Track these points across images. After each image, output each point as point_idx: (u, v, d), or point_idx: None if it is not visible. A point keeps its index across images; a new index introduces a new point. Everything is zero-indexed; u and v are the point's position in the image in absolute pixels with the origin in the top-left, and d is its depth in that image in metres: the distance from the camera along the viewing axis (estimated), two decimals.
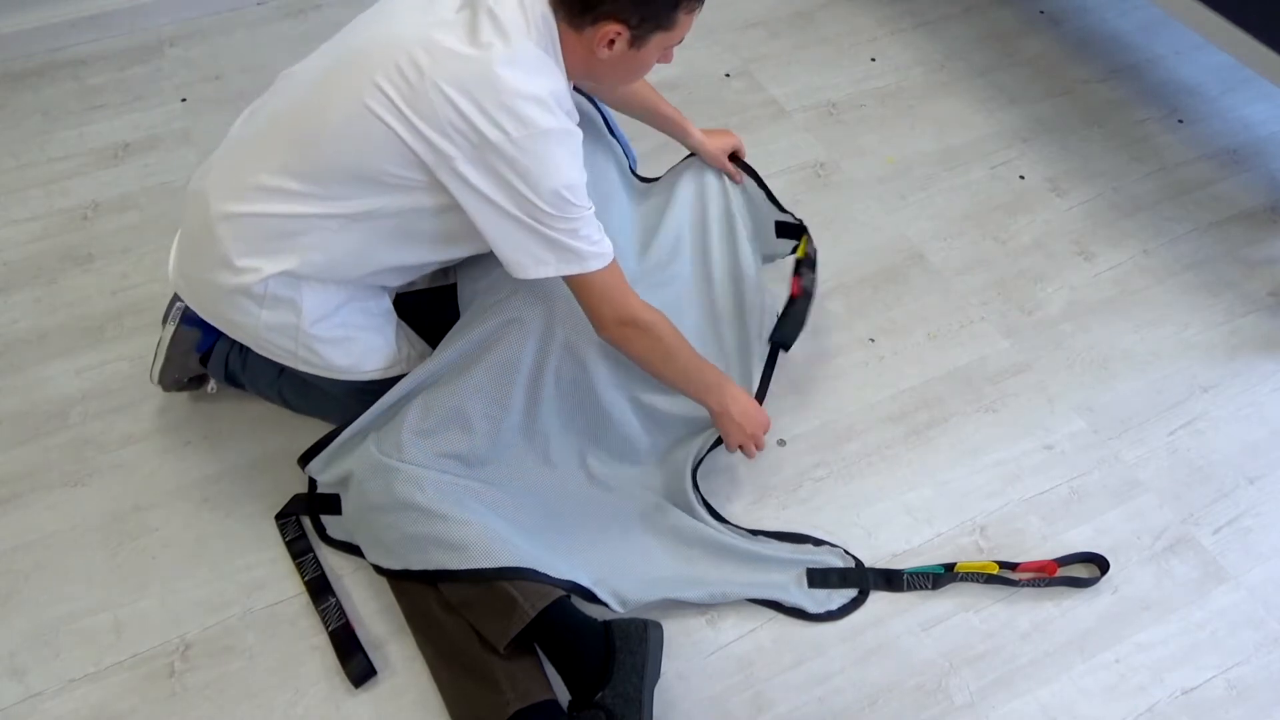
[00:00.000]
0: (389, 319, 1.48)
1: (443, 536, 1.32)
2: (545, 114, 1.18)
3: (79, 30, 2.32)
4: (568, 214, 1.23)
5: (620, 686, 1.23)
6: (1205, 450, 1.66)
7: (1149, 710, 1.37)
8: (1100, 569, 1.48)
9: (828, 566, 1.47)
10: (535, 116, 1.17)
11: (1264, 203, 2.08)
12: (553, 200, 1.21)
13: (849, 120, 2.22)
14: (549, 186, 1.20)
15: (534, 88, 1.18)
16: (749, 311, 1.62)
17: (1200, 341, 1.82)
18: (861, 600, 1.45)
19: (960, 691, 1.37)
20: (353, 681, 1.34)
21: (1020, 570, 1.48)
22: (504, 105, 1.16)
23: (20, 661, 1.35)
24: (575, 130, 1.24)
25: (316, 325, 1.37)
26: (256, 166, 1.27)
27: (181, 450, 1.58)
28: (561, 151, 1.21)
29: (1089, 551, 1.50)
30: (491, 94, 1.16)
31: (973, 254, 1.95)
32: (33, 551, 1.46)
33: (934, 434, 1.66)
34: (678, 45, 1.32)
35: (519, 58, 1.18)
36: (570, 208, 1.23)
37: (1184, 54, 2.43)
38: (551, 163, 1.20)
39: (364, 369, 1.45)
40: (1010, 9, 2.55)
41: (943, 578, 1.46)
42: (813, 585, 1.45)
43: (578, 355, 1.44)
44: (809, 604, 1.43)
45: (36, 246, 1.88)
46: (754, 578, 1.44)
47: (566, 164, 1.22)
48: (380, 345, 1.46)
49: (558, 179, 1.20)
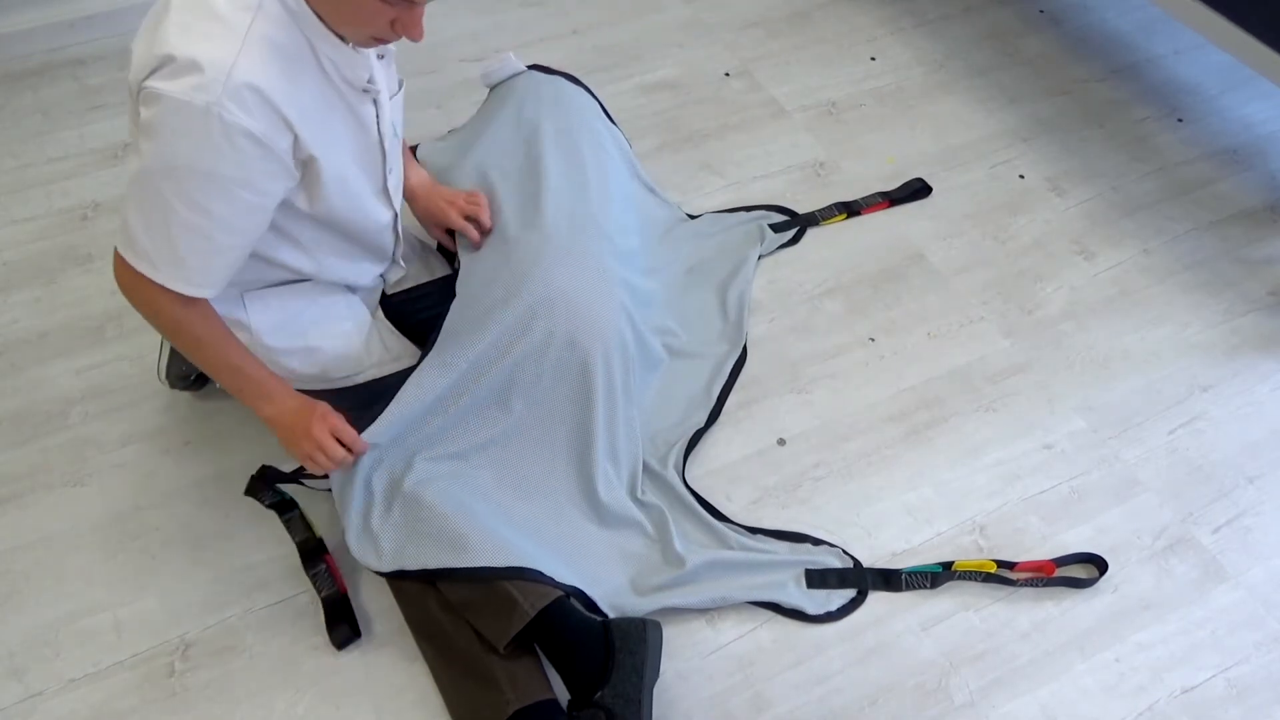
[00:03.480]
0: (357, 323, 1.45)
1: (444, 536, 1.32)
2: (187, 79, 1.04)
3: (79, 30, 2.32)
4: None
5: (620, 686, 1.23)
6: (1205, 450, 1.66)
7: (1149, 709, 1.37)
8: (1099, 570, 1.48)
9: (826, 567, 1.47)
10: (173, 76, 1.04)
11: (1264, 202, 2.08)
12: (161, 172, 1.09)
13: (849, 120, 2.22)
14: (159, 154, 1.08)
15: (194, 51, 1.05)
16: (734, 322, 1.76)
17: (1200, 341, 1.82)
18: (860, 600, 1.45)
19: (960, 691, 1.37)
20: (335, 645, 1.35)
21: (1018, 570, 1.48)
22: (156, 55, 1.06)
23: (20, 661, 1.36)
24: (221, 111, 1.06)
25: (271, 336, 1.36)
26: None
27: (181, 450, 1.58)
28: (184, 126, 1.06)
29: (1088, 552, 1.50)
30: (158, 44, 1.06)
31: (973, 254, 1.95)
32: (33, 551, 1.46)
33: (934, 434, 1.66)
34: (422, 7, 1.13)
35: (197, 20, 1.07)
36: None
37: (1184, 53, 2.43)
38: (168, 131, 1.06)
39: (334, 376, 1.44)
40: (1010, 9, 2.54)
41: (941, 576, 1.46)
42: (811, 586, 1.45)
43: (578, 353, 1.44)
44: (808, 605, 1.43)
45: (36, 246, 1.88)
46: (753, 579, 1.44)
47: (186, 143, 1.07)
48: (344, 351, 1.43)
49: (168, 154, 1.07)
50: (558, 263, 1.46)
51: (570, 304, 1.43)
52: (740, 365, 1.71)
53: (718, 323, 1.76)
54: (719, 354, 1.71)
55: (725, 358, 1.71)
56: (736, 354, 1.72)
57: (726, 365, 1.70)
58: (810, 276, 1.89)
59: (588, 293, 1.46)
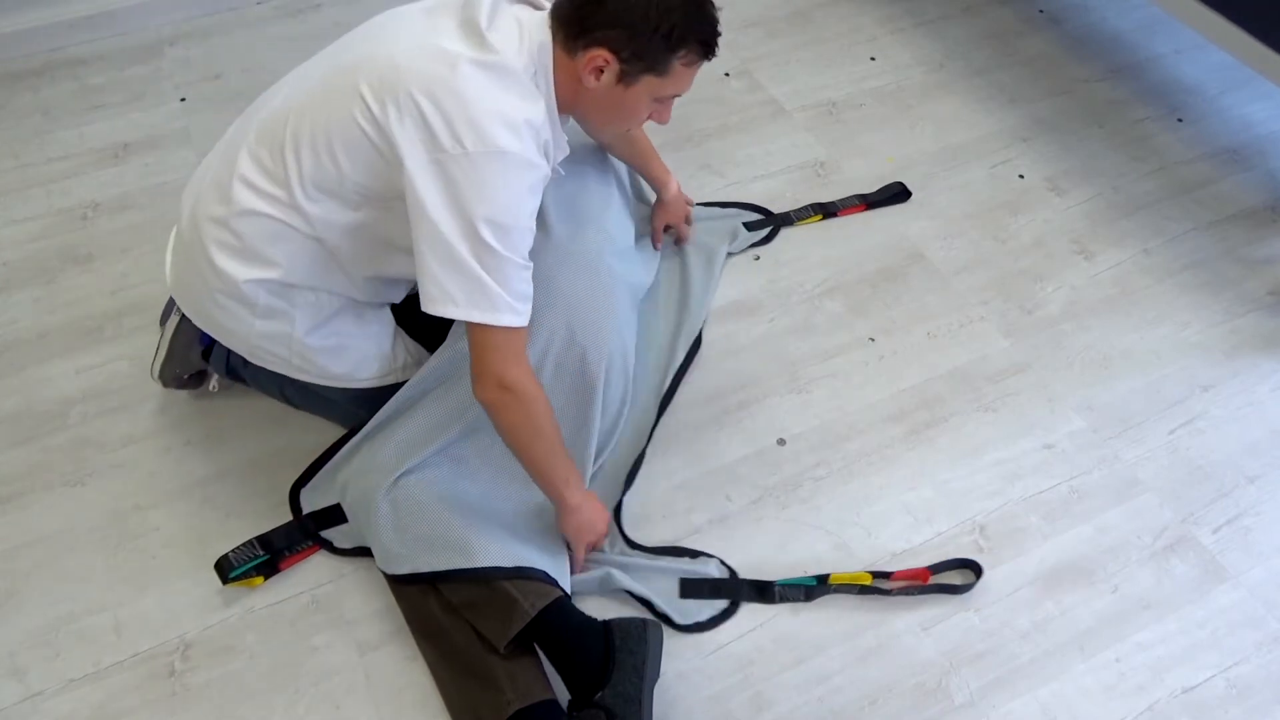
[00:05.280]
0: (386, 327, 1.48)
1: (445, 537, 1.32)
2: (510, 136, 1.16)
3: (79, 30, 2.32)
4: (499, 249, 1.17)
5: (620, 686, 1.23)
6: (1205, 449, 1.66)
7: (1149, 709, 1.37)
8: (975, 574, 1.47)
9: (702, 577, 1.45)
10: (497, 135, 1.15)
11: (1264, 202, 2.08)
12: (488, 227, 1.16)
13: (849, 119, 2.22)
14: (487, 211, 1.15)
15: (505, 107, 1.16)
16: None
17: (1200, 341, 1.82)
18: (733, 611, 1.43)
19: (960, 691, 1.37)
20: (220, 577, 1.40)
21: (894, 579, 1.46)
22: (469, 119, 1.14)
23: (20, 661, 1.35)
24: (538, 164, 1.20)
25: (311, 334, 1.37)
26: (240, 171, 1.27)
27: (181, 450, 1.58)
28: (513, 178, 1.17)
29: (963, 558, 1.49)
30: (459, 105, 1.14)
31: (972, 253, 1.95)
32: (33, 551, 1.46)
33: (934, 433, 1.66)
34: (675, 99, 1.30)
35: (499, 78, 1.17)
36: (505, 240, 1.17)
37: (1184, 53, 2.43)
38: (498, 185, 1.15)
39: (359, 377, 1.45)
40: (1010, 8, 2.55)
41: (815, 590, 1.44)
42: (686, 595, 1.43)
43: (577, 351, 1.44)
44: (676, 615, 1.41)
45: (36, 246, 1.88)
46: (632, 584, 1.42)
47: (514, 193, 1.17)
48: (375, 353, 1.45)
49: (498, 204, 1.16)
50: (559, 263, 1.46)
51: (570, 303, 1.43)
52: (693, 355, 1.72)
53: (675, 316, 1.77)
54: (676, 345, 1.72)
55: (679, 349, 1.72)
56: (690, 341, 1.73)
57: (679, 355, 1.71)
58: (810, 276, 1.89)
59: (588, 292, 1.46)
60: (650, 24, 1.19)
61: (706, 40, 1.25)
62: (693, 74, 1.27)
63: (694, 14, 1.22)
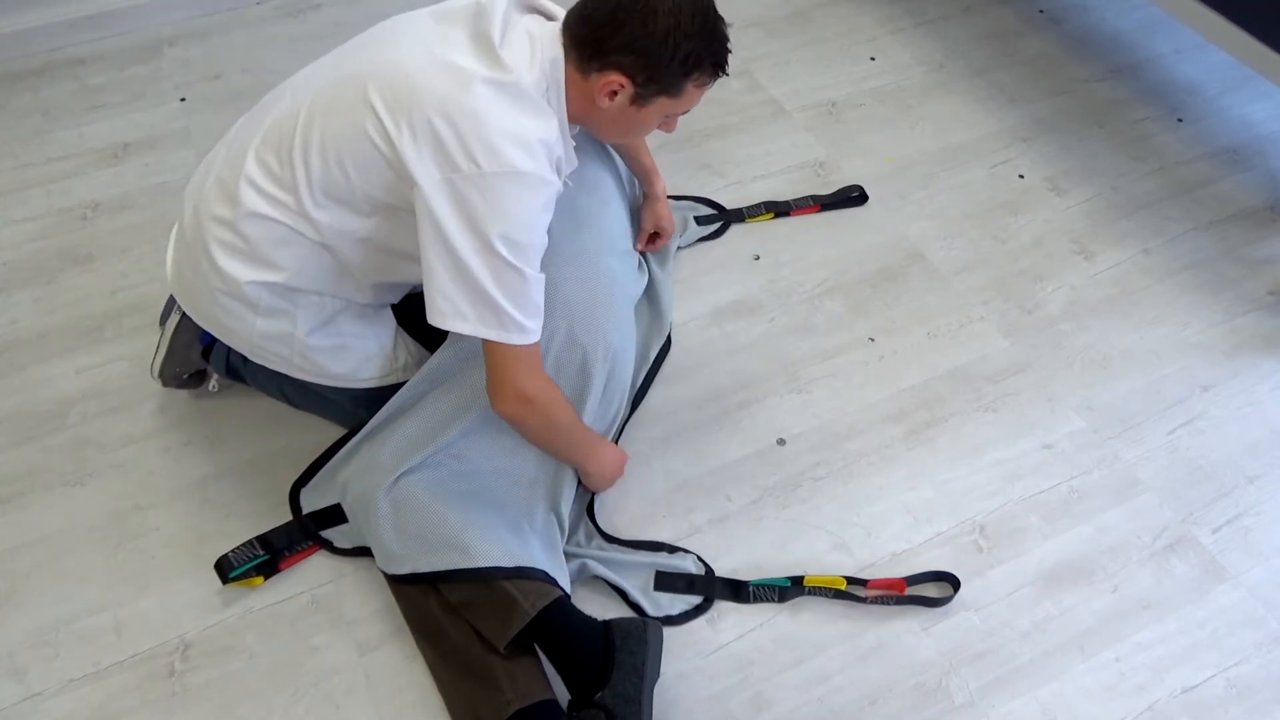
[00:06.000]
0: (387, 327, 1.48)
1: (445, 537, 1.32)
2: (523, 155, 1.16)
3: (79, 30, 2.32)
4: (514, 265, 1.18)
5: (620, 686, 1.23)
6: (1205, 449, 1.66)
7: (1149, 709, 1.37)
8: (953, 587, 1.47)
9: (677, 571, 1.46)
10: (511, 155, 1.15)
11: (1264, 202, 2.08)
12: (504, 243, 1.16)
13: (849, 119, 2.22)
14: (503, 229, 1.16)
15: (518, 127, 1.16)
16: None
17: (1200, 341, 1.82)
18: (706, 607, 1.43)
19: (960, 691, 1.37)
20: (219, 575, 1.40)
21: (870, 587, 1.45)
22: (484, 139, 1.15)
23: (20, 661, 1.35)
24: (551, 180, 1.21)
25: (312, 334, 1.37)
26: (246, 173, 1.27)
27: (181, 450, 1.58)
28: (528, 196, 1.18)
29: (940, 570, 1.48)
30: (474, 126, 1.15)
31: (972, 253, 1.95)
32: (33, 551, 1.46)
33: (934, 433, 1.66)
34: (683, 115, 1.32)
35: (513, 98, 1.17)
36: (519, 256, 1.18)
37: (1184, 53, 2.43)
38: (512, 203, 1.16)
39: (360, 376, 1.45)
40: (1010, 8, 2.55)
41: (790, 591, 1.44)
42: (660, 588, 1.44)
43: (577, 351, 1.44)
44: (649, 606, 1.42)
45: (36, 246, 1.88)
46: (607, 574, 1.44)
47: (528, 211, 1.18)
48: (376, 353, 1.46)
49: (513, 222, 1.16)
50: (558, 263, 1.46)
51: (569, 303, 1.43)
52: (664, 353, 1.73)
53: (645, 315, 1.77)
54: (649, 344, 1.73)
55: (651, 348, 1.72)
56: (661, 340, 1.73)
57: (651, 353, 1.71)
58: (810, 276, 1.89)
59: (588, 292, 1.46)
60: (668, 52, 1.19)
61: (720, 63, 1.26)
62: (704, 93, 1.29)
63: (709, 39, 1.22)
